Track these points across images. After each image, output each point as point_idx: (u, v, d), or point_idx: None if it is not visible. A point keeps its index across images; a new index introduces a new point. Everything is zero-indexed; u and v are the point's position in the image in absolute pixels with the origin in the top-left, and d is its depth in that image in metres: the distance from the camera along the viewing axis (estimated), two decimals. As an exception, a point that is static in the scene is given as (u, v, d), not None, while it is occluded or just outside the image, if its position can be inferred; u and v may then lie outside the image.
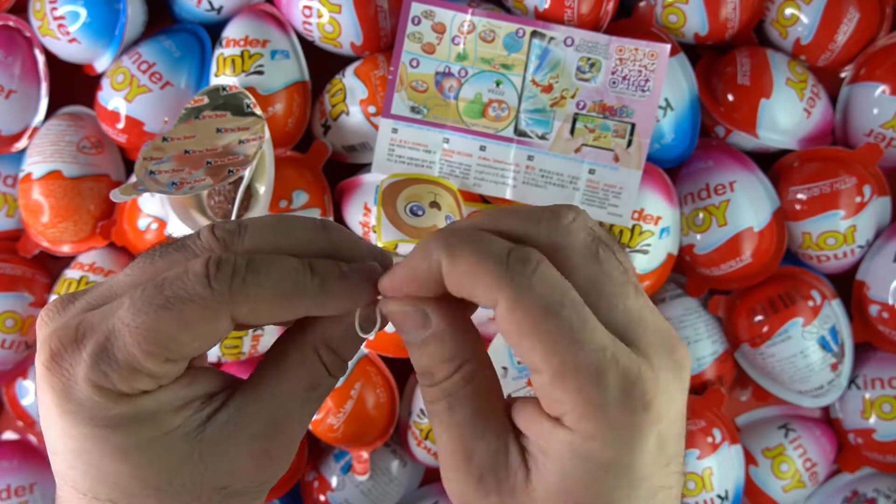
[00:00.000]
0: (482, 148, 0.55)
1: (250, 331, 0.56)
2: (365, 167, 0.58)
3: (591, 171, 0.54)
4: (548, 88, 0.55)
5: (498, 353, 0.54)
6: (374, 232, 0.51)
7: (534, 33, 0.55)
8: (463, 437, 0.23)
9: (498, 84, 0.55)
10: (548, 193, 0.55)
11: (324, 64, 0.59)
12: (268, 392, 0.25)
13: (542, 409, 0.23)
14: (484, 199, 0.58)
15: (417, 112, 0.55)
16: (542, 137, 0.55)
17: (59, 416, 0.23)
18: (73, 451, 0.23)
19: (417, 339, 0.24)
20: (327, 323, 0.25)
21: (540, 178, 0.54)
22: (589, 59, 0.54)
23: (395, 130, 0.55)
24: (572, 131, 0.55)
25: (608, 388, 0.21)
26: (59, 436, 0.23)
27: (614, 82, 0.54)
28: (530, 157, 0.55)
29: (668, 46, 0.54)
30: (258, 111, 0.52)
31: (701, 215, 0.58)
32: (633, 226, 0.55)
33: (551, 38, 0.54)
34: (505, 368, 0.54)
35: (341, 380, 0.56)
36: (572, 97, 0.55)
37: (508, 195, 0.55)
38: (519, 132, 0.55)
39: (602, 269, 0.23)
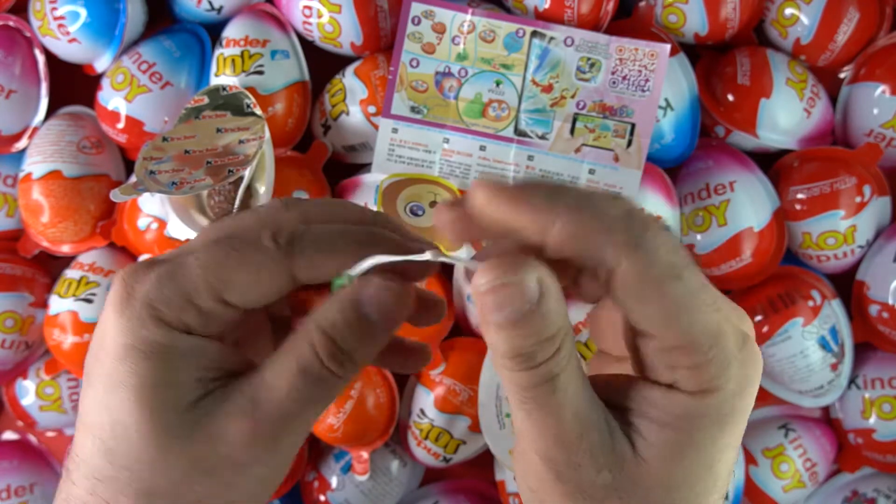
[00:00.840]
0: (482, 148, 0.55)
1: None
2: (365, 167, 0.58)
3: (591, 171, 0.54)
4: (548, 88, 0.55)
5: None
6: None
7: (534, 33, 0.55)
8: (571, 418, 0.22)
9: (498, 84, 0.55)
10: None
11: (324, 64, 0.59)
12: (262, 376, 0.24)
13: (645, 381, 0.23)
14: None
15: (417, 112, 0.55)
16: (542, 137, 0.55)
17: (112, 322, 0.24)
18: (95, 373, 0.24)
19: (517, 315, 0.21)
20: (326, 306, 0.24)
21: (540, 178, 0.54)
22: (589, 58, 0.54)
23: (395, 130, 0.55)
24: (572, 131, 0.55)
25: (729, 348, 0.22)
26: (102, 353, 0.24)
27: (614, 82, 0.54)
28: (530, 158, 0.55)
29: (668, 46, 0.54)
30: (258, 111, 0.52)
31: (701, 215, 0.58)
32: (633, 226, 0.55)
33: (551, 38, 0.55)
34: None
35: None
36: (572, 97, 0.55)
37: None
38: (519, 132, 0.55)
39: (682, 289, 0.22)
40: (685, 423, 0.22)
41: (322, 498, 0.60)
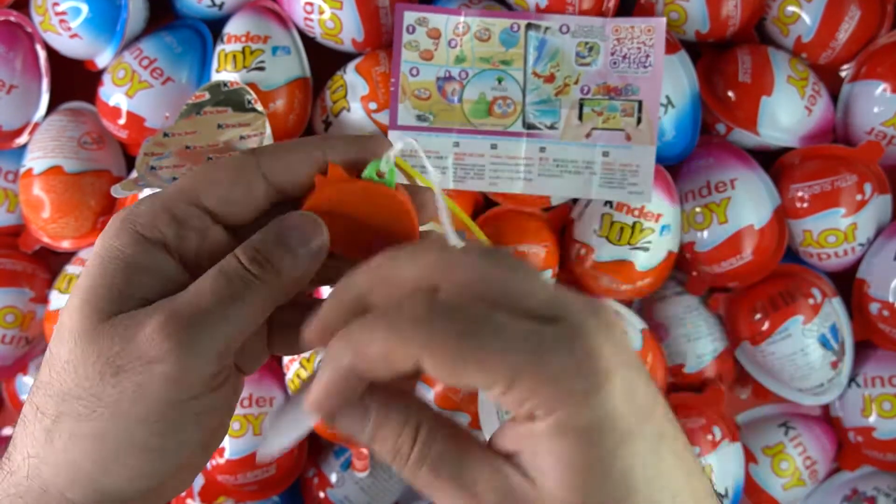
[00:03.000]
0: (493, 146, 0.55)
1: None
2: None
3: (605, 154, 0.54)
4: (550, 78, 0.55)
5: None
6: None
7: (529, 25, 0.55)
8: (461, 486, 0.23)
9: (500, 81, 0.55)
10: (564, 182, 0.55)
11: (325, 60, 0.59)
12: (188, 287, 0.25)
13: (514, 422, 0.23)
14: (486, 198, 0.58)
15: (424, 120, 0.55)
16: (552, 127, 0.55)
17: (95, 242, 0.26)
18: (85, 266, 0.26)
19: (366, 434, 0.24)
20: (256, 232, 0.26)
21: (555, 167, 0.54)
22: (587, 43, 0.54)
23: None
24: (581, 117, 0.55)
25: (551, 364, 0.21)
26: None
27: (615, 63, 0.54)
28: (542, 149, 0.55)
29: (664, 20, 0.54)
30: (259, 107, 0.52)
31: (702, 213, 0.58)
32: (634, 223, 0.55)
33: (547, 28, 0.55)
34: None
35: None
36: (575, 83, 0.55)
37: (526, 189, 0.55)
38: (528, 125, 0.55)
39: (499, 272, 0.23)
40: (559, 444, 0.22)
41: (322, 494, 0.60)
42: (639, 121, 0.54)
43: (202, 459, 0.28)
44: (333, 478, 0.59)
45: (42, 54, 0.59)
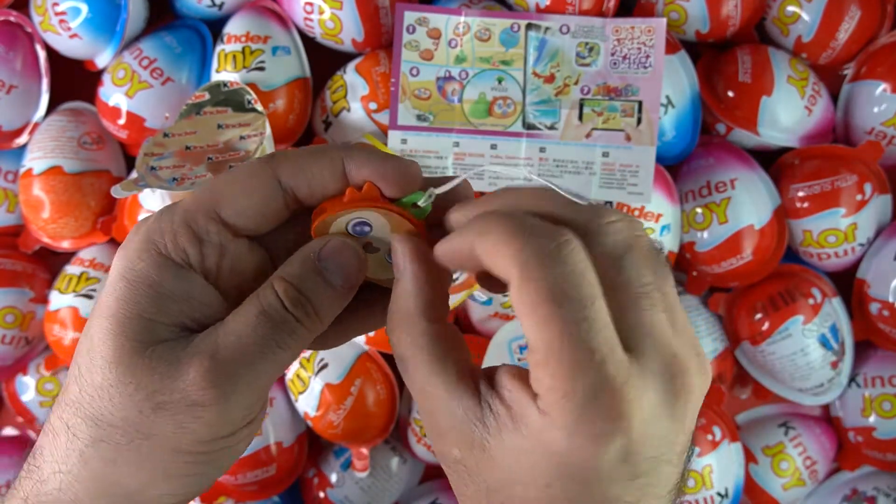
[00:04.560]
0: (493, 146, 0.55)
1: None
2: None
3: (605, 154, 0.54)
4: (550, 78, 0.55)
5: (500, 348, 0.54)
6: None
7: (529, 26, 0.55)
8: (426, 392, 0.24)
9: (500, 81, 0.55)
10: (564, 182, 0.55)
11: (325, 60, 0.59)
12: (225, 321, 0.25)
13: (527, 385, 0.23)
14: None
15: (424, 120, 0.55)
16: (552, 127, 0.55)
17: (114, 262, 0.25)
18: (98, 295, 0.26)
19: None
20: (290, 260, 0.26)
21: (555, 167, 0.54)
22: (587, 43, 0.54)
23: (404, 141, 0.55)
24: (581, 117, 0.55)
25: (582, 388, 0.21)
26: (106, 279, 0.26)
27: (615, 63, 0.54)
28: (542, 149, 0.55)
29: (664, 20, 0.54)
30: (259, 107, 0.52)
31: (702, 213, 0.58)
32: (634, 223, 0.55)
33: (547, 29, 0.55)
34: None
35: (346, 366, 0.56)
36: (576, 83, 0.55)
37: None
38: (528, 125, 0.55)
39: (621, 275, 0.22)
40: (531, 439, 0.22)
41: (322, 494, 0.60)
42: (639, 121, 0.54)
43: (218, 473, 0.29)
44: (333, 478, 0.59)
45: (42, 54, 0.59)
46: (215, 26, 0.59)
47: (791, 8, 0.58)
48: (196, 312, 0.25)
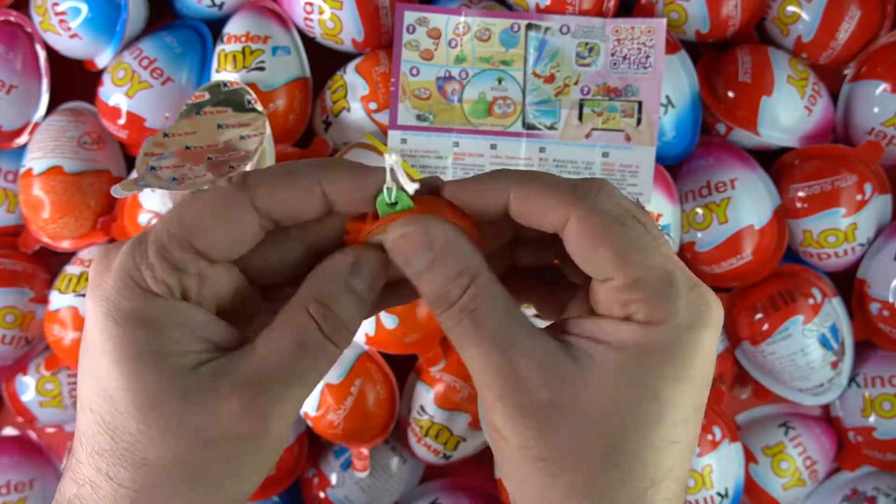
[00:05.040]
0: (493, 146, 0.55)
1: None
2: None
3: (605, 154, 0.54)
4: (550, 78, 0.55)
5: None
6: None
7: (529, 26, 0.55)
8: (498, 347, 0.23)
9: (500, 81, 0.55)
10: None
11: (325, 60, 0.59)
12: (256, 347, 0.24)
13: (601, 316, 0.24)
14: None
15: (424, 119, 0.55)
16: (552, 128, 0.55)
17: (90, 304, 0.24)
18: (84, 348, 0.24)
19: (423, 263, 0.24)
20: (318, 278, 0.25)
21: (554, 168, 0.54)
22: (587, 43, 0.54)
23: (403, 141, 0.55)
24: (580, 117, 0.55)
25: (678, 285, 0.23)
26: (86, 327, 0.24)
27: (615, 63, 0.54)
28: (542, 149, 0.55)
29: (664, 21, 0.54)
30: (259, 107, 0.52)
31: (702, 213, 0.58)
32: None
33: (547, 29, 0.55)
34: None
35: (346, 366, 0.56)
36: (575, 84, 0.55)
37: None
38: (527, 125, 0.55)
39: (628, 233, 0.24)
40: (632, 349, 0.23)
41: (322, 495, 0.60)
42: (638, 121, 0.54)
43: None
44: (333, 478, 0.59)
45: (42, 54, 0.59)
46: (215, 26, 0.59)
47: (791, 8, 0.58)
48: (200, 335, 0.24)
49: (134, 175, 0.50)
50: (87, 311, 0.24)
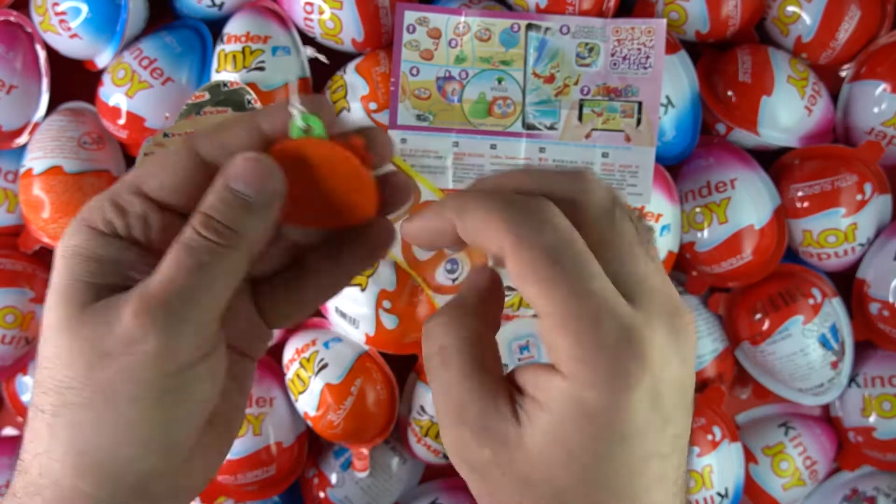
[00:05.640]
0: (493, 146, 0.55)
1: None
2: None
3: (605, 155, 0.54)
4: (550, 79, 0.55)
5: (500, 349, 0.54)
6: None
7: (529, 26, 0.55)
8: (458, 391, 0.24)
9: (500, 81, 0.55)
10: None
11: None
12: (157, 268, 0.25)
13: (542, 366, 0.23)
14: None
15: (423, 119, 0.55)
16: (551, 128, 0.55)
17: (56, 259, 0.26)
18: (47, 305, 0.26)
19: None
20: (203, 196, 0.26)
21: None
22: (587, 44, 0.54)
23: (403, 141, 0.55)
24: (580, 118, 0.55)
25: (603, 335, 0.22)
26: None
27: (615, 64, 0.54)
28: (542, 150, 0.55)
29: (664, 21, 0.54)
30: (259, 107, 0.52)
31: (702, 213, 0.58)
32: (634, 223, 0.55)
33: (547, 29, 0.55)
34: (506, 365, 0.54)
35: (346, 366, 0.56)
36: (575, 84, 0.55)
37: None
38: (527, 126, 0.55)
39: (614, 228, 0.24)
40: (563, 408, 0.22)
41: (322, 495, 0.60)
42: (638, 122, 0.55)
43: (217, 447, 0.29)
44: (333, 478, 0.59)
45: (42, 54, 0.59)
46: (215, 26, 0.59)
47: (791, 8, 0.58)
48: (127, 271, 0.26)
49: (134, 175, 0.50)
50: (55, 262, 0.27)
